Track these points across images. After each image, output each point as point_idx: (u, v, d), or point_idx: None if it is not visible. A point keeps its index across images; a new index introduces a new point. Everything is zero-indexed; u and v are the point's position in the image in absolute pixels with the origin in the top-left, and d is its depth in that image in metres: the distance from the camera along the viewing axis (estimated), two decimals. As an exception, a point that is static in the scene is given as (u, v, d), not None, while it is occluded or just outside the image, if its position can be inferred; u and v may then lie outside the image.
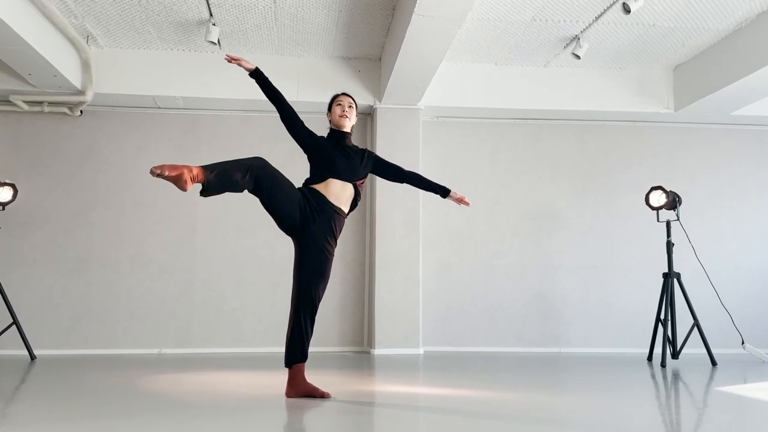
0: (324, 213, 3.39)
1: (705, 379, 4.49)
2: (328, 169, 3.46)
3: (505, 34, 5.64)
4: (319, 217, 3.37)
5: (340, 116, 3.58)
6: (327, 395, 3.36)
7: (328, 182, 3.45)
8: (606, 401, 3.45)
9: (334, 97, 3.68)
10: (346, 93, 3.72)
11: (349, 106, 3.61)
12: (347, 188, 3.49)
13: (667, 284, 5.33)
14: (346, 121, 3.59)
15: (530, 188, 6.60)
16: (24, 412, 3.01)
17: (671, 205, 5.45)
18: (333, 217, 3.42)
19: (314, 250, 3.38)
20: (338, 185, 3.46)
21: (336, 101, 3.65)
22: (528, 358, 5.71)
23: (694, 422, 2.95)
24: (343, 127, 3.59)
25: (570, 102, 6.40)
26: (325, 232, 3.39)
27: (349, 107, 3.61)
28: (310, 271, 3.39)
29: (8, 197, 5.32)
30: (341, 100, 3.63)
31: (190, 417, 2.87)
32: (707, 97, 6.00)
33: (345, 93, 3.72)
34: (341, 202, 3.47)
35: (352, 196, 3.52)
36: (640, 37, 5.68)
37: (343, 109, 3.59)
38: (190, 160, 6.27)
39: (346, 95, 3.69)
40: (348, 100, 3.64)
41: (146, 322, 6.05)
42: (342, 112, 3.58)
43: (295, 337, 3.38)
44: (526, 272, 6.48)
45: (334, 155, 3.48)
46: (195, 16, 5.33)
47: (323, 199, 3.41)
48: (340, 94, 3.70)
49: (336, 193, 3.45)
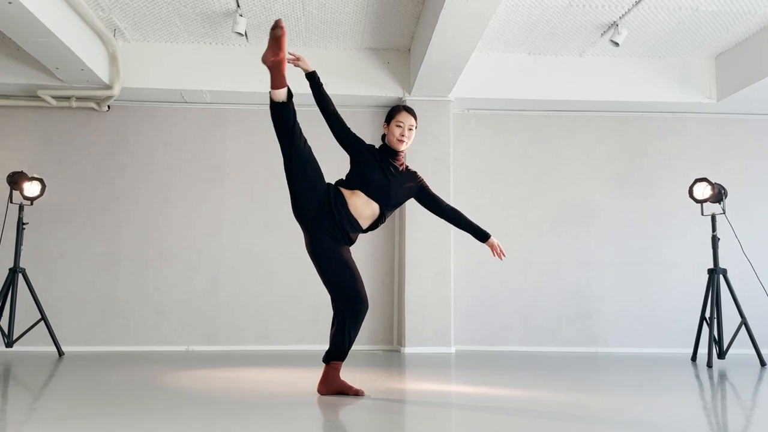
0: (339, 217, 3.19)
1: (753, 380, 4.26)
2: (361, 181, 3.23)
3: (539, 22, 5.45)
4: (331, 218, 3.18)
5: (398, 140, 3.27)
6: (360, 392, 3.21)
7: (356, 192, 3.24)
8: (648, 402, 3.26)
9: (395, 113, 3.34)
10: (410, 110, 3.35)
11: (409, 128, 3.29)
12: (372, 206, 3.24)
13: (713, 281, 5.09)
14: (403, 146, 3.30)
15: (565, 182, 6.39)
16: (52, 408, 2.95)
17: (717, 198, 5.20)
18: (346, 225, 3.21)
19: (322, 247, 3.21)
20: (363, 200, 3.23)
21: (397, 120, 3.30)
22: (564, 358, 5.50)
23: (741, 425, 2.75)
24: (399, 149, 3.30)
25: (607, 93, 6.17)
26: (334, 234, 3.20)
27: (409, 130, 3.29)
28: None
29: (36, 192, 5.30)
30: (402, 121, 3.29)
31: (217, 414, 2.78)
32: (752, 86, 5.75)
33: (408, 110, 3.35)
34: (361, 216, 3.23)
35: (375, 216, 3.27)
36: (681, 23, 5.44)
37: (402, 132, 3.27)
38: (217, 155, 6.23)
39: (409, 113, 3.33)
40: (410, 121, 3.30)
41: (173, 319, 5.99)
42: (401, 136, 3.27)
43: (336, 333, 3.21)
44: (561, 269, 6.27)
45: (373, 170, 3.24)
46: (222, 8, 5.25)
47: (344, 205, 3.21)
48: (403, 109, 3.34)
49: (359, 206, 3.22)
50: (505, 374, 4.41)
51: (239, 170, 6.23)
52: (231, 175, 6.23)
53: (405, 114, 3.33)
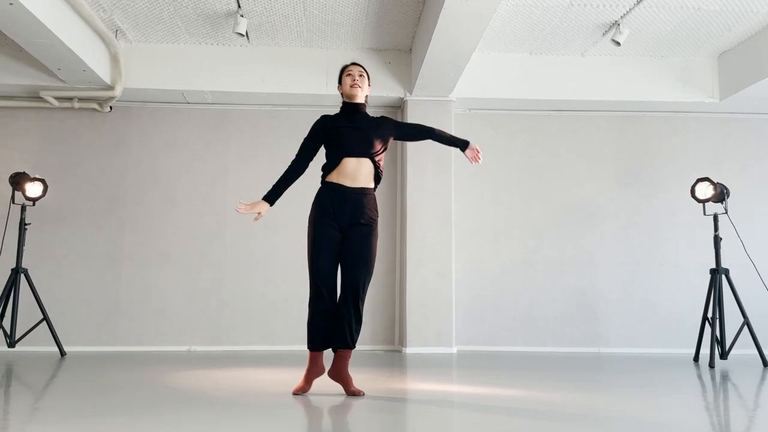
0: (347, 204, 3.26)
1: (756, 380, 4.24)
2: (339, 149, 3.29)
3: (540, 21, 5.44)
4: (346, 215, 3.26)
5: (351, 86, 3.39)
6: (359, 393, 3.23)
7: (342, 163, 3.28)
8: (650, 402, 3.25)
9: (343, 69, 3.48)
10: (356, 62, 3.53)
11: (359, 74, 3.42)
12: (364, 164, 3.29)
13: (715, 281, 5.07)
14: (358, 90, 3.40)
15: (567, 182, 6.37)
16: (54, 408, 2.96)
17: (719, 198, 5.19)
18: (358, 200, 3.27)
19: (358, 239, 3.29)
20: (353, 163, 3.28)
21: (345, 72, 3.45)
22: (567, 358, 5.49)
23: (744, 425, 2.74)
24: (354, 97, 3.41)
25: (609, 92, 6.16)
26: (359, 222, 3.27)
27: (360, 76, 3.42)
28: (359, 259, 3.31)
29: (38, 193, 5.31)
30: (351, 70, 3.44)
31: (219, 414, 2.78)
32: (754, 85, 5.73)
33: (354, 63, 3.52)
34: (360, 180, 3.29)
35: (372, 172, 3.33)
36: (683, 22, 5.43)
37: (353, 78, 3.40)
38: (220, 155, 6.23)
39: (356, 64, 3.49)
40: (358, 69, 3.45)
41: (176, 319, 6.00)
42: (353, 82, 3.39)
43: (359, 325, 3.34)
44: (564, 269, 6.25)
45: (343, 132, 3.32)
46: (223, 8, 5.26)
47: (341, 190, 3.27)
48: (349, 64, 3.51)
49: (352, 173, 3.28)
50: (507, 374, 4.39)
51: (242, 171, 6.23)
52: (234, 175, 6.23)
53: (352, 66, 3.48)
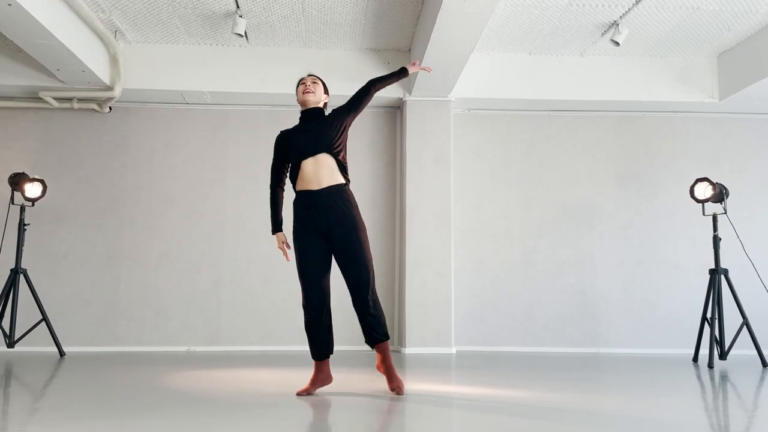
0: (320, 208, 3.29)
1: (755, 380, 4.23)
2: (296, 155, 3.35)
3: (539, 21, 5.43)
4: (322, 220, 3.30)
5: (304, 92, 3.44)
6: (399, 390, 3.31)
7: (302, 167, 3.33)
8: (649, 402, 3.24)
9: (298, 81, 3.55)
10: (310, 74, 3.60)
11: (312, 82, 3.48)
12: (322, 161, 3.31)
13: (714, 281, 5.06)
14: (310, 96, 3.43)
15: (567, 182, 6.37)
16: (52, 408, 2.96)
17: (718, 198, 5.18)
18: (330, 202, 3.29)
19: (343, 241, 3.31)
20: (311, 163, 3.31)
21: (300, 82, 3.52)
22: (566, 359, 5.49)
23: (744, 425, 2.73)
24: (307, 103, 3.44)
25: (608, 92, 6.15)
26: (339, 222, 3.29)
27: (313, 83, 3.47)
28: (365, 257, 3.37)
29: (37, 193, 5.32)
30: (305, 80, 3.51)
31: (218, 413, 2.78)
32: (754, 85, 5.72)
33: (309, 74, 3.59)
34: (325, 179, 3.31)
35: (335, 166, 3.34)
36: (682, 22, 5.42)
37: (306, 85, 3.46)
38: (219, 156, 6.24)
39: (309, 75, 3.56)
40: (311, 78, 3.51)
41: (175, 319, 6.00)
42: (306, 88, 3.45)
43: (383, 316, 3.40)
44: (564, 269, 6.25)
45: (296, 138, 3.39)
46: (222, 9, 5.26)
47: (309, 196, 3.30)
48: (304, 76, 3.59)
49: (314, 174, 3.31)
50: (506, 375, 4.39)
51: (241, 171, 6.23)
52: (233, 175, 6.23)
53: (305, 77, 3.53)
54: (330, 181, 3.32)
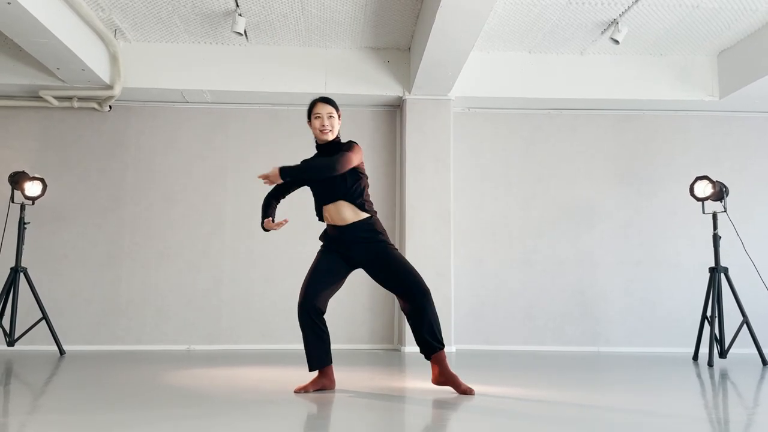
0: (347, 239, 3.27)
1: (755, 379, 4.23)
2: (316, 198, 3.32)
3: (539, 20, 5.43)
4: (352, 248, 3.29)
5: (321, 131, 3.28)
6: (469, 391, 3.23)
7: (324, 210, 3.32)
8: (648, 400, 3.24)
9: (311, 107, 3.32)
10: (325, 99, 3.33)
11: (329, 116, 3.28)
12: (342, 206, 3.26)
13: (714, 279, 5.06)
14: (328, 135, 3.29)
15: (567, 181, 6.36)
16: (52, 406, 2.97)
17: (718, 196, 5.17)
18: (356, 234, 3.26)
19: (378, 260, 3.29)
20: (332, 209, 3.28)
21: (313, 113, 3.30)
22: (566, 357, 5.49)
23: (744, 423, 2.73)
24: (324, 141, 3.31)
25: (608, 91, 6.15)
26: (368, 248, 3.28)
27: (330, 117, 3.28)
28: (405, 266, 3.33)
29: (37, 192, 5.32)
30: (319, 112, 3.28)
31: (217, 411, 2.78)
32: (754, 83, 5.71)
33: (323, 99, 3.32)
34: (348, 218, 3.26)
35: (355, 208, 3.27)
36: (682, 20, 5.42)
37: (322, 122, 3.27)
38: (219, 154, 6.24)
39: (324, 102, 3.30)
40: (327, 110, 3.28)
41: (175, 318, 6.00)
42: (322, 127, 3.27)
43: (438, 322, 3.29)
44: (564, 268, 6.24)
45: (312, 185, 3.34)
46: (221, 7, 5.26)
47: (337, 229, 3.28)
48: (315, 102, 3.32)
49: (337, 216, 3.27)
50: (506, 373, 4.39)
51: (241, 170, 6.24)
52: (233, 174, 6.24)
53: (320, 104, 3.31)
54: (354, 218, 3.27)
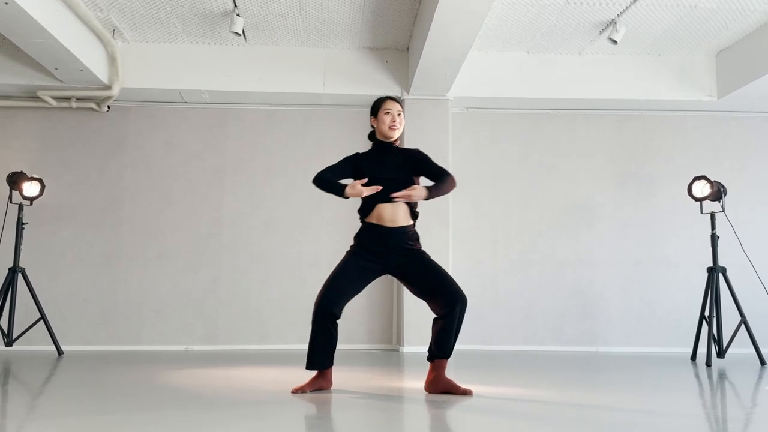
0: (390, 243, 3.27)
1: (753, 378, 4.23)
2: (373, 195, 3.25)
3: (537, 20, 5.43)
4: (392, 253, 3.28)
5: (390, 127, 3.30)
6: (468, 392, 3.24)
7: (377, 208, 3.28)
8: (646, 401, 3.24)
9: (381, 102, 3.35)
10: (393, 97, 3.40)
11: (398, 114, 3.32)
12: (398, 207, 3.27)
13: (712, 279, 5.06)
14: (396, 132, 3.33)
15: (566, 181, 6.36)
16: (50, 406, 2.97)
17: (716, 196, 5.17)
18: (400, 238, 3.28)
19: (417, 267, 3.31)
20: (388, 208, 3.27)
21: (383, 108, 3.32)
22: (565, 357, 5.49)
23: (742, 423, 2.73)
24: (391, 138, 3.34)
25: (606, 91, 6.15)
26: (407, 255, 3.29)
27: (399, 115, 3.32)
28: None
29: (35, 192, 5.32)
30: (390, 108, 3.32)
31: (214, 412, 2.78)
32: (752, 83, 5.71)
33: (391, 97, 3.39)
34: (398, 221, 3.28)
35: (408, 212, 3.31)
36: (680, 20, 5.42)
37: (393, 119, 3.30)
38: (217, 155, 6.24)
39: (394, 101, 3.36)
40: (397, 108, 3.33)
41: (173, 318, 6.00)
42: (392, 122, 3.30)
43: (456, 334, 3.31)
44: (563, 268, 6.24)
45: (378, 181, 3.25)
46: (219, 7, 5.26)
47: (381, 231, 3.27)
48: (386, 98, 3.37)
49: (389, 217, 3.27)
50: (505, 373, 4.39)
51: (239, 170, 6.24)
52: (231, 175, 6.24)
53: (391, 101, 3.36)
54: (404, 222, 3.30)
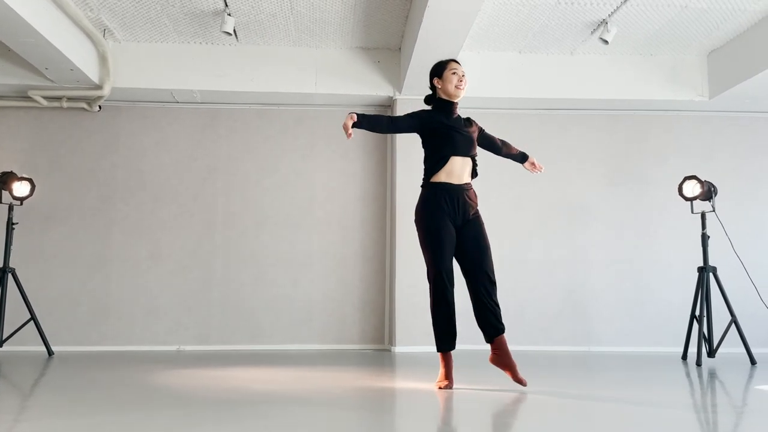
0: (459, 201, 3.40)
1: (743, 378, 4.24)
2: (447, 147, 3.37)
3: (528, 20, 5.43)
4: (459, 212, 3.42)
5: (456, 87, 3.43)
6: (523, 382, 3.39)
7: (450, 161, 3.38)
8: (636, 400, 3.25)
9: (446, 63, 3.47)
10: (456, 60, 3.54)
11: (463, 75, 3.46)
12: (467, 163, 3.43)
13: (703, 279, 5.07)
14: (461, 92, 3.46)
15: (558, 181, 6.37)
16: (41, 406, 2.97)
17: (706, 196, 5.19)
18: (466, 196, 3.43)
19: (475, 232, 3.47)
20: (459, 162, 3.40)
21: (450, 68, 3.45)
22: (557, 357, 5.49)
23: (732, 422, 2.74)
24: (456, 98, 3.46)
25: (598, 91, 6.15)
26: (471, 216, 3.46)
27: (464, 76, 3.46)
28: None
29: (26, 192, 5.30)
30: (456, 68, 3.45)
31: (205, 412, 2.78)
32: (744, 83, 5.71)
33: (455, 60, 3.53)
34: (464, 178, 3.44)
35: (470, 171, 3.48)
36: (671, 20, 5.43)
37: (459, 78, 3.43)
38: (209, 155, 6.22)
39: (458, 63, 3.50)
40: (461, 70, 3.47)
41: (165, 319, 5.99)
42: (459, 82, 3.43)
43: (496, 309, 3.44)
44: (555, 268, 6.25)
45: (451, 131, 3.39)
46: (210, 7, 5.25)
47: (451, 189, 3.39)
48: (450, 60, 3.51)
49: (458, 171, 3.41)
50: (496, 373, 4.38)
51: (231, 170, 6.23)
52: (223, 175, 6.23)
53: (455, 63, 3.49)
54: (467, 179, 3.47)
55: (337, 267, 6.16)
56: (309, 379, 3.82)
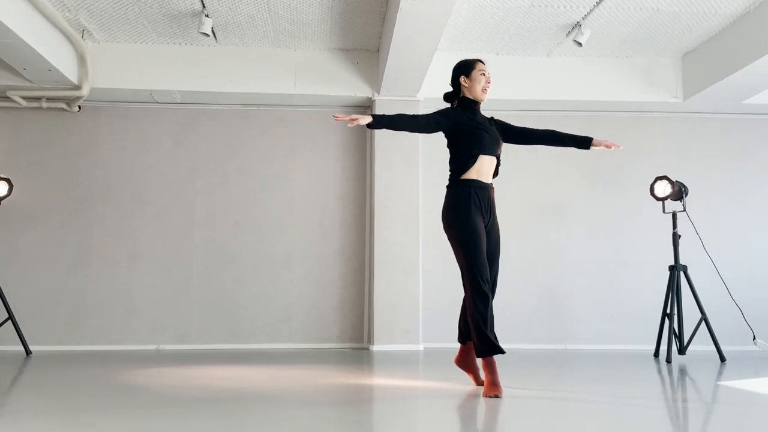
0: (488, 201, 3.44)
1: (712, 374, 4.32)
2: (476, 146, 3.38)
3: (504, 22, 5.50)
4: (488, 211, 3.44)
5: (483, 90, 3.47)
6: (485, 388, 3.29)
7: (480, 160, 3.39)
8: (607, 396, 3.31)
9: (474, 63, 3.48)
10: (482, 60, 3.55)
11: (489, 77, 3.50)
12: (493, 162, 3.46)
13: (673, 277, 5.16)
14: (486, 96, 3.50)
15: (536, 182, 6.44)
16: (18, 406, 2.99)
17: (677, 196, 5.28)
18: (492, 196, 3.47)
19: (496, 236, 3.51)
20: (487, 161, 3.42)
21: (478, 68, 3.46)
22: (534, 355, 5.57)
23: (702, 417, 2.80)
24: (482, 99, 3.49)
25: (575, 93, 6.23)
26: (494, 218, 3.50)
27: (490, 77, 3.50)
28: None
29: (3, 192, 5.31)
30: (484, 70, 3.47)
31: (184, 411, 2.80)
32: (716, 84, 5.80)
33: (482, 60, 3.53)
34: (490, 177, 3.47)
35: (495, 167, 3.50)
36: (644, 23, 5.51)
37: (488, 80, 3.47)
38: (190, 156, 6.25)
39: (484, 63, 3.52)
40: (488, 70, 3.51)
41: (144, 318, 6.01)
42: (486, 83, 3.47)
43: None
44: (533, 267, 6.32)
45: (475, 132, 3.39)
46: (188, 8, 5.28)
47: (482, 187, 3.40)
48: (478, 60, 3.50)
49: (486, 170, 3.43)
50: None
51: (211, 170, 6.25)
52: (203, 175, 6.25)
53: (482, 63, 3.51)
54: (492, 179, 3.50)
55: (316, 266, 6.20)
56: (288, 378, 3.85)
